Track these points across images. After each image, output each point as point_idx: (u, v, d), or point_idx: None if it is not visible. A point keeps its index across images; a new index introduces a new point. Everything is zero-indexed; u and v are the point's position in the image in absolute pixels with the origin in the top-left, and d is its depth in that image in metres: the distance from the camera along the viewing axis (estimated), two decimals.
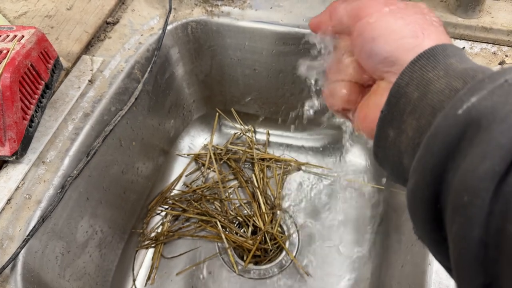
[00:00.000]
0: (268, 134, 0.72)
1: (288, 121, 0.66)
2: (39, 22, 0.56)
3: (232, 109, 0.71)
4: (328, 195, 0.66)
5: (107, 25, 0.57)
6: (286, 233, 0.63)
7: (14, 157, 0.42)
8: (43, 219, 0.41)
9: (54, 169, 0.44)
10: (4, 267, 0.38)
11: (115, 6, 0.58)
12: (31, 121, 0.44)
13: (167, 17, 0.57)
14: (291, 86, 0.64)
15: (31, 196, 0.42)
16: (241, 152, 0.70)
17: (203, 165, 0.70)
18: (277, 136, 0.72)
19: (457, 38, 0.52)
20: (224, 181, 0.68)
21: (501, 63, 0.50)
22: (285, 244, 0.62)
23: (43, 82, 0.46)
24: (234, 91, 0.68)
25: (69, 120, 0.48)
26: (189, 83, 0.66)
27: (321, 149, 0.70)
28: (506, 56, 0.51)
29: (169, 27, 0.57)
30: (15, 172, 0.43)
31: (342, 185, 0.67)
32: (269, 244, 0.62)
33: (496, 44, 0.51)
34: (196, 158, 0.71)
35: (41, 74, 0.46)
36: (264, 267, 0.60)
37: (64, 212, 0.45)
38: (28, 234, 0.40)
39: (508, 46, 0.51)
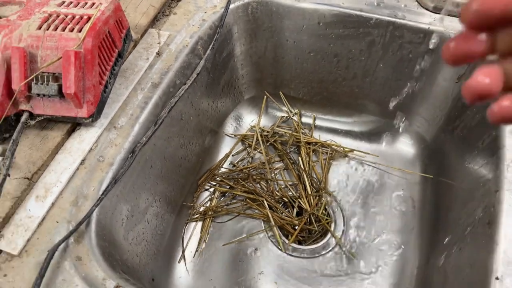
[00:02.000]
0: (315, 118, 0.73)
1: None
2: None
3: (281, 92, 0.72)
4: (374, 183, 0.67)
5: (172, 1, 0.58)
6: (332, 217, 0.64)
7: (90, 119, 0.44)
8: (115, 181, 0.43)
9: (125, 135, 0.46)
10: (80, 223, 0.39)
11: None
12: (106, 86, 0.46)
13: None
14: (345, 71, 0.64)
15: (104, 159, 0.44)
16: (288, 135, 0.71)
17: (250, 146, 0.71)
18: (325, 120, 0.72)
19: None
20: (270, 162, 0.69)
21: None
22: (330, 227, 0.63)
23: (116, 50, 0.48)
24: (285, 74, 0.69)
25: (139, 90, 0.49)
26: (243, 63, 0.67)
27: (369, 135, 0.70)
28: None
29: (231, 6, 0.58)
30: (89, 135, 0.45)
31: (390, 174, 0.67)
32: (315, 226, 0.63)
33: None
34: (243, 138, 0.72)
35: (115, 42, 0.47)
36: (309, 247, 0.61)
37: (131, 176, 0.46)
38: (102, 194, 0.41)
39: None
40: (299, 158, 0.69)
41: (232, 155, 0.70)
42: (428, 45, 0.55)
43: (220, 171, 0.68)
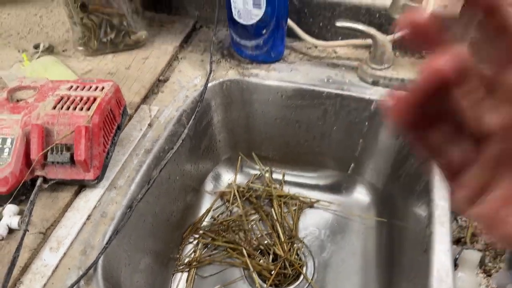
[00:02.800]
0: (284, 175, 0.83)
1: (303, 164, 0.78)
2: (102, 78, 0.69)
3: (253, 153, 0.83)
4: (338, 228, 0.76)
5: (159, 82, 0.70)
6: (303, 260, 0.72)
7: (96, 181, 0.53)
8: (116, 232, 0.51)
9: (123, 193, 0.54)
10: (89, 269, 0.47)
11: (165, 67, 0.72)
12: (107, 153, 0.55)
13: (208, 77, 0.70)
14: (306, 134, 0.76)
15: (106, 214, 0.52)
16: (261, 190, 0.81)
17: (228, 201, 0.80)
18: (292, 175, 0.83)
19: None
20: (247, 214, 0.78)
21: None
22: (302, 270, 0.71)
23: (116, 124, 0.58)
24: (256, 137, 0.80)
25: (134, 155, 0.59)
26: (220, 130, 0.78)
27: (330, 187, 0.81)
28: None
29: (209, 85, 0.70)
30: (93, 195, 0.54)
31: (350, 219, 0.77)
32: (289, 270, 0.71)
33: None
34: (222, 195, 0.81)
35: (115, 117, 0.57)
36: None
37: (129, 229, 0.54)
38: (106, 244, 0.49)
39: None
40: (272, 210, 0.78)
41: (213, 210, 0.79)
42: (370, 111, 0.68)
43: (202, 225, 0.76)
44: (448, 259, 0.48)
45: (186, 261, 0.71)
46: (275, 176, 0.84)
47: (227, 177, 0.84)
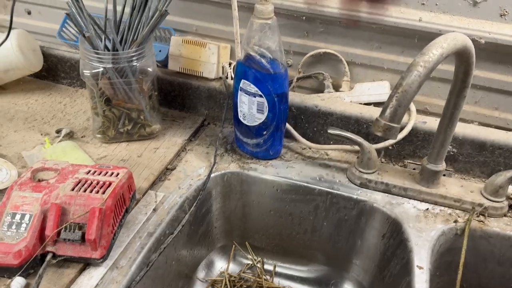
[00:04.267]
0: (275, 266, 0.86)
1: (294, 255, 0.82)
2: (116, 163, 0.76)
3: (247, 243, 0.87)
4: None
5: (167, 170, 0.77)
6: None
7: (101, 260, 0.56)
8: None
9: (124, 274, 0.58)
10: None
11: (174, 157, 0.79)
12: (114, 234, 0.60)
13: (211, 168, 0.77)
14: (298, 227, 0.81)
15: None
16: (252, 280, 0.83)
17: None
18: (283, 267, 0.86)
19: (422, 201, 0.72)
20: None
21: (455, 221, 0.69)
22: None
23: (125, 207, 0.63)
24: (250, 227, 0.85)
25: (137, 237, 0.63)
26: (217, 217, 0.83)
27: (320, 281, 0.83)
28: (459, 217, 0.70)
29: (212, 175, 0.77)
30: (96, 273, 0.57)
31: None
32: None
33: (450, 208, 0.71)
34: (213, 283, 0.83)
35: (125, 201, 0.63)
36: None
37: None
38: None
39: (458, 210, 0.71)
40: None
41: None
42: (357, 210, 0.74)
43: None
44: None
45: None
46: (266, 266, 0.87)
47: (220, 265, 0.87)
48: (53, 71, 0.96)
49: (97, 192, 0.58)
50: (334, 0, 0.77)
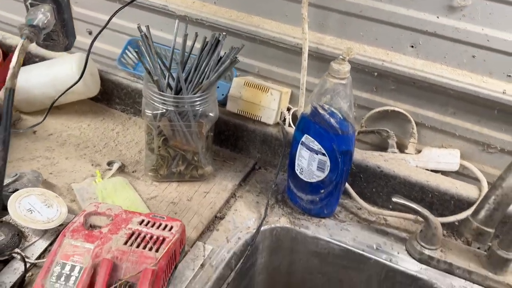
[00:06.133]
0: None
1: None
2: (165, 206, 0.73)
3: None
4: None
5: (216, 218, 0.74)
6: None
7: None
8: None
9: None
10: None
11: (223, 204, 0.76)
12: None
13: (262, 221, 0.73)
14: None
15: None
16: None
17: None
18: None
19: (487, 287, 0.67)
20: None
21: None
22: None
23: (174, 263, 0.60)
24: (294, 286, 0.80)
25: None
26: (260, 272, 0.79)
27: None
28: None
29: (261, 228, 0.73)
30: None
31: None
32: None
33: None
34: None
35: (176, 257, 0.60)
36: None
37: None
38: None
39: None
40: None
41: None
42: (415, 287, 0.69)
43: None
44: None
45: None
46: None
47: None
48: (108, 96, 0.95)
49: (150, 249, 0.55)
50: (411, 60, 0.72)
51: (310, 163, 0.70)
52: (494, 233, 0.45)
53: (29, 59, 0.98)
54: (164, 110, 0.69)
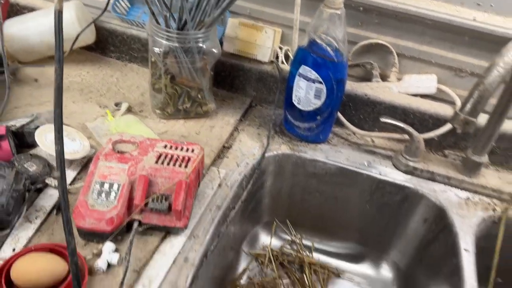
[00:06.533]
0: (313, 244, 0.92)
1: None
2: (177, 139, 0.79)
3: (287, 220, 0.91)
4: None
5: (224, 148, 0.80)
6: None
7: (184, 229, 0.60)
8: (195, 277, 0.58)
9: (200, 243, 0.62)
10: None
11: (229, 136, 0.82)
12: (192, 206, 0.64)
13: (265, 148, 0.81)
14: (341, 210, 0.86)
15: (188, 260, 0.59)
16: (293, 256, 0.89)
17: (262, 263, 0.87)
18: (322, 244, 0.91)
19: (463, 190, 0.78)
20: (280, 278, 0.85)
21: (493, 210, 0.75)
22: None
23: (198, 181, 0.67)
24: (294, 206, 0.89)
25: (208, 210, 0.67)
26: (266, 195, 0.87)
27: (357, 260, 0.89)
28: (496, 205, 0.76)
29: (265, 155, 0.81)
30: (177, 241, 0.61)
31: None
32: None
33: (489, 197, 0.77)
34: (257, 256, 0.88)
35: (199, 175, 0.67)
36: None
37: (202, 274, 0.61)
38: (190, 285, 0.56)
39: (496, 199, 0.77)
40: (304, 276, 0.85)
41: (249, 270, 0.86)
42: (402, 196, 0.79)
43: (240, 283, 0.83)
44: None
45: None
46: (305, 242, 0.92)
47: (262, 239, 0.91)
48: (103, 44, 0.98)
49: (180, 165, 0.62)
50: None
51: (307, 92, 0.78)
52: (476, 123, 0.55)
53: (17, 11, 0.98)
54: (168, 48, 0.74)
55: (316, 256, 0.90)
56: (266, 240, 0.92)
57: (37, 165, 0.64)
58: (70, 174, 0.67)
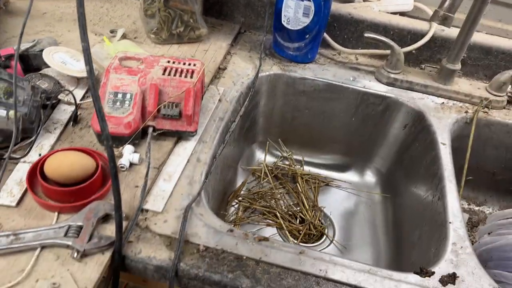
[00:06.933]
0: (303, 158, 1.00)
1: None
2: None
3: (279, 139, 0.99)
4: (350, 202, 0.93)
5: (219, 69, 0.85)
6: (324, 225, 0.88)
7: (195, 133, 0.66)
8: (209, 173, 0.64)
9: (209, 146, 0.68)
10: (198, 194, 0.60)
11: (223, 59, 0.87)
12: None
13: (258, 69, 0.86)
14: (328, 124, 0.94)
15: (200, 160, 0.66)
16: (286, 169, 0.97)
17: (259, 176, 0.95)
18: (313, 157, 0.99)
19: (439, 96, 0.86)
20: (276, 188, 0.93)
21: (466, 112, 0.84)
22: (324, 231, 0.87)
23: (202, 92, 0.72)
24: (285, 125, 0.96)
25: (212, 120, 0.73)
26: (260, 115, 0.93)
27: (344, 168, 0.98)
28: (468, 109, 0.85)
29: (259, 75, 0.86)
30: (188, 145, 0.67)
31: (359, 196, 0.94)
32: (313, 231, 0.86)
33: (462, 101, 0.86)
34: (254, 171, 0.96)
35: (203, 88, 0.72)
36: (311, 245, 0.84)
37: (213, 173, 0.68)
38: (204, 179, 0.63)
39: (468, 103, 0.86)
40: (297, 185, 0.94)
41: (247, 183, 0.93)
42: (384, 105, 0.87)
43: (241, 193, 0.90)
44: (457, 202, 0.66)
45: (230, 219, 0.85)
46: (296, 157, 1.00)
47: (257, 156, 0.99)
48: None
49: (186, 76, 0.66)
50: None
51: (296, 11, 0.82)
52: (453, 18, 0.62)
53: None
54: None
55: (307, 168, 0.99)
56: (261, 157, 0.99)
57: (48, 83, 0.67)
58: (79, 92, 0.71)
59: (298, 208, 0.90)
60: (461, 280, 0.55)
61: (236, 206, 0.88)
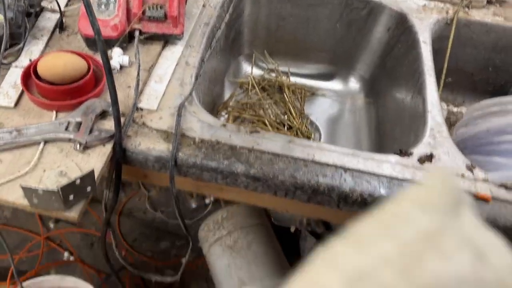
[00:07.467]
0: (289, 69, 1.01)
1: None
2: None
3: (265, 51, 0.99)
4: (335, 109, 0.97)
5: None
6: (311, 130, 0.92)
7: (181, 36, 0.67)
8: (198, 75, 0.66)
9: (197, 50, 0.69)
10: (190, 94, 0.62)
11: None
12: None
13: None
14: (313, 31, 0.94)
15: (189, 64, 0.67)
16: (273, 80, 0.99)
17: (247, 89, 0.97)
18: (298, 67, 1.01)
19: None
20: (264, 98, 0.96)
21: (446, 12, 0.85)
22: (311, 135, 0.91)
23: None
24: (270, 38, 0.96)
25: (197, 25, 0.73)
26: (245, 25, 0.93)
27: (328, 77, 1.01)
28: (448, 9, 0.86)
29: None
30: (176, 49, 0.68)
31: (343, 103, 0.98)
32: (301, 136, 0.90)
33: (443, 2, 0.87)
34: (241, 84, 0.97)
35: None
36: None
37: (203, 74, 0.70)
38: (195, 81, 0.65)
39: (449, 4, 0.87)
40: (284, 95, 0.96)
41: (235, 95, 0.95)
42: (368, 9, 0.87)
43: (229, 104, 0.93)
44: (436, 94, 0.70)
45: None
46: (282, 68, 1.02)
47: (244, 69, 1.00)
48: None
49: None
50: None
51: None
52: None
53: None
54: None
55: (293, 79, 1.01)
56: (248, 70, 1.00)
57: None
58: (62, 1, 0.70)
59: (286, 116, 0.93)
60: (438, 159, 0.60)
61: (225, 116, 0.91)
